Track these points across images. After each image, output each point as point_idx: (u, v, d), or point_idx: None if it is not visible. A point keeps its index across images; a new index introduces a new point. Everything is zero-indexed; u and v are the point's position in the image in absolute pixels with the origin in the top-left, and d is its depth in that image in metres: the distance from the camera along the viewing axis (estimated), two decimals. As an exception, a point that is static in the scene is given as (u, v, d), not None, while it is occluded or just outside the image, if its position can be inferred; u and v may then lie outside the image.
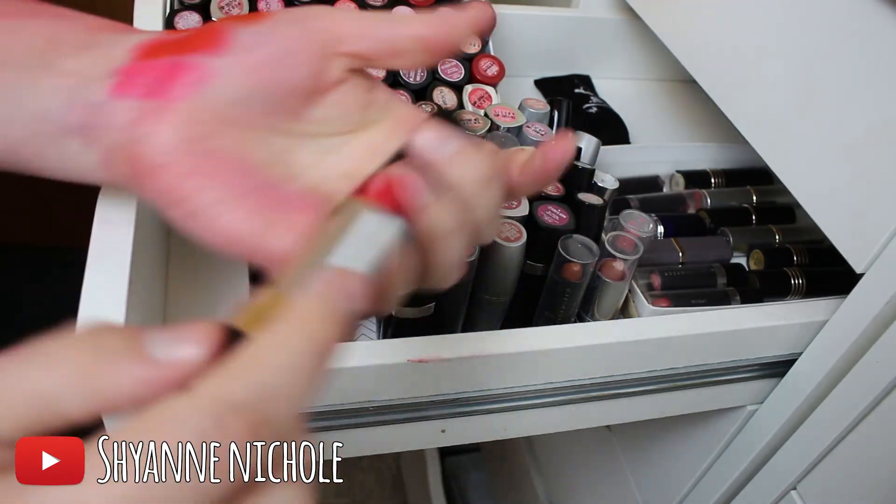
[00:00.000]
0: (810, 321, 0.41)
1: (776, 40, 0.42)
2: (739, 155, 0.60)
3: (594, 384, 0.40)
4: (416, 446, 0.41)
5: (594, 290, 0.43)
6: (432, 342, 0.36)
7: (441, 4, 0.52)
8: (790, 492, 0.46)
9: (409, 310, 0.39)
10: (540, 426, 0.42)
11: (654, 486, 0.61)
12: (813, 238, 0.54)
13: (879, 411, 0.39)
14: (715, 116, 0.58)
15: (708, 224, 0.54)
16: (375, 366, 0.34)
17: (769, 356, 0.43)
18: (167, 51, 0.28)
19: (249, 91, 0.28)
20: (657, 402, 0.43)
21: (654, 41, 0.56)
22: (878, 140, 0.36)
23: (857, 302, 0.38)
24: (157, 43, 0.29)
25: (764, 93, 0.43)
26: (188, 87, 0.27)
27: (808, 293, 0.49)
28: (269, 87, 0.28)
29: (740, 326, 0.41)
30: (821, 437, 0.42)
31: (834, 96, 0.39)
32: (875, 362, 0.38)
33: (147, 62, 0.28)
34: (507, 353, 0.36)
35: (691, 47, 0.50)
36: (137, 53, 0.28)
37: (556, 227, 0.41)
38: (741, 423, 0.48)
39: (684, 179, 0.58)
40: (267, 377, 0.18)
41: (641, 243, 0.42)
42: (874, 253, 0.36)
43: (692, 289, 0.48)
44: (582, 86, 0.68)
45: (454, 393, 0.37)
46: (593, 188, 0.46)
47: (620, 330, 0.39)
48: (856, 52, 0.37)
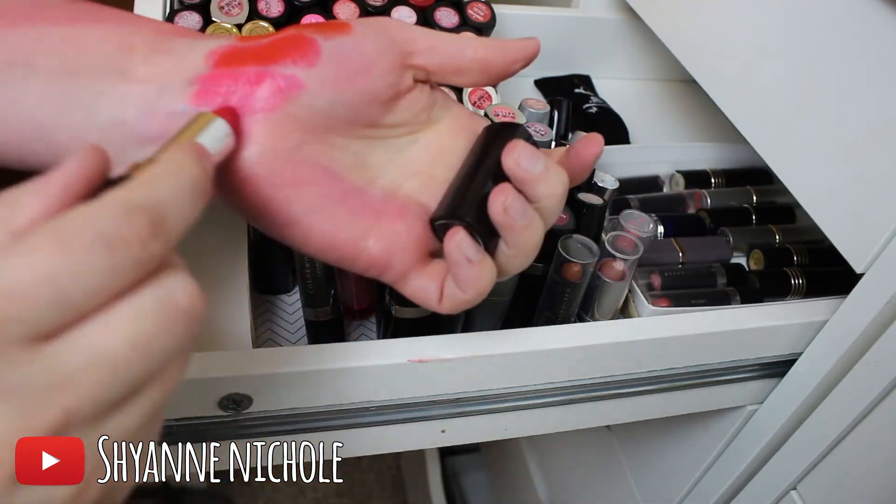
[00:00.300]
0: (810, 321, 0.41)
1: (776, 40, 0.42)
2: (739, 155, 0.60)
3: (594, 384, 0.40)
4: (416, 446, 0.41)
5: (594, 290, 0.43)
6: (432, 342, 0.36)
7: (441, 6, 0.52)
8: (790, 492, 0.46)
9: (409, 310, 0.39)
10: (540, 426, 0.42)
11: (654, 486, 0.61)
12: (813, 238, 0.54)
13: (879, 411, 0.39)
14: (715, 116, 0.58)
15: (708, 224, 0.54)
16: (375, 366, 0.34)
17: (769, 356, 0.43)
18: (249, 59, 0.29)
19: (335, 101, 0.29)
20: (657, 402, 0.43)
21: (654, 41, 0.56)
22: (878, 140, 0.36)
23: (857, 302, 0.38)
24: (234, 50, 0.29)
25: (764, 93, 0.43)
26: (277, 98, 0.28)
27: (808, 293, 0.49)
28: (354, 98, 0.29)
29: (740, 326, 0.41)
30: (821, 437, 0.42)
31: (834, 96, 0.39)
32: (875, 362, 0.38)
33: (228, 70, 0.28)
34: (507, 353, 0.36)
35: (691, 47, 0.50)
36: (215, 60, 0.28)
37: (556, 227, 0.41)
38: (741, 423, 0.48)
39: (684, 179, 0.58)
40: (160, 186, 0.21)
41: (641, 243, 0.42)
42: (874, 253, 0.36)
43: (692, 289, 0.48)
44: (582, 86, 0.68)
45: (454, 393, 0.37)
46: (593, 188, 0.46)
47: (620, 330, 0.39)
48: (856, 52, 0.37)
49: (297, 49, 0.29)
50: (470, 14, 0.53)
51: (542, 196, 0.29)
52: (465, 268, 0.29)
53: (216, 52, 0.29)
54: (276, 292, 0.47)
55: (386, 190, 0.31)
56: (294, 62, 0.28)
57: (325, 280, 0.41)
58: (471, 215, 0.29)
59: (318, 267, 0.40)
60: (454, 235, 0.29)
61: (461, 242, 0.28)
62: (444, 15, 0.53)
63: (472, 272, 0.29)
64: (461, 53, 0.31)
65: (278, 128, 0.28)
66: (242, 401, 0.33)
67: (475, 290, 0.29)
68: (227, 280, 0.42)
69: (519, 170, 0.29)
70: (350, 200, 0.30)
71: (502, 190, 0.29)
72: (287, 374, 0.33)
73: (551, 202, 0.29)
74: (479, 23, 0.53)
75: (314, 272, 0.40)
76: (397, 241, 0.30)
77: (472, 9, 0.53)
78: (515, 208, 0.28)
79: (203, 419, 0.34)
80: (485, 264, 0.29)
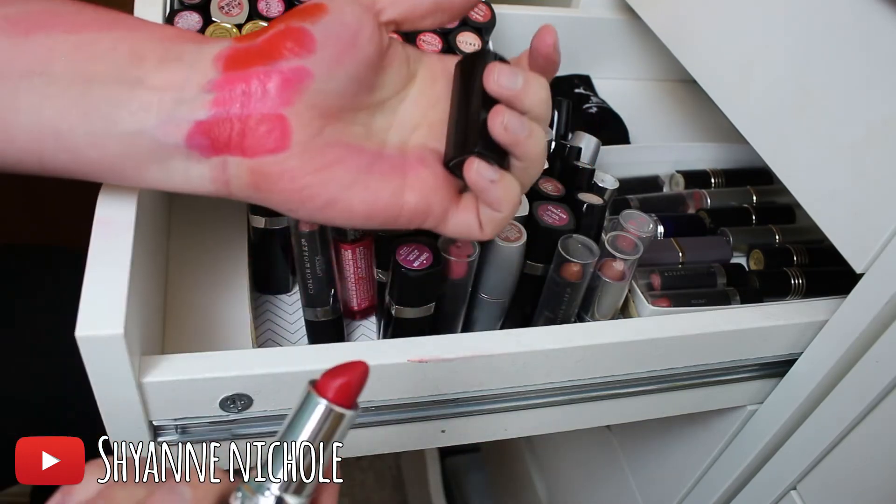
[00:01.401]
0: (810, 321, 0.41)
1: (776, 40, 0.42)
2: (739, 155, 0.60)
3: (594, 384, 0.40)
4: (416, 446, 0.41)
5: (594, 290, 0.43)
6: (432, 342, 0.36)
7: None
8: (790, 492, 0.46)
9: (409, 310, 0.39)
10: (540, 426, 0.42)
11: (654, 486, 0.61)
12: (813, 238, 0.54)
13: (879, 411, 0.39)
14: (715, 116, 0.58)
15: (708, 224, 0.54)
16: (375, 366, 0.34)
17: (769, 356, 0.43)
18: (254, 59, 0.29)
19: (341, 79, 0.30)
20: (657, 402, 0.43)
21: (654, 41, 0.56)
22: (878, 140, 0.36)
23: (857, 302, 0.38)
24: (237, 52, 0.30)
25: (764, 92, 0.43)
26: (291, 92, 0.29)
27: (808, 293, 0.49)
28: (354, 69, 0.31)
29: (740, 326, 0.41)
30: (821, 437, 0.42)
31: (834, 96, 0.39)
32: (875, 362, 0.38)
33: (238, 73, 0.29)
34: (507, 353, 0.36)
35: (691, 47, 0.50)
36: (223, 64, 0.29)
37: (556, 227, 0.41)
38: (741, 423, 0.48)
39: (684, 179, 0.58)
40: None
41: (641, 243, 0.42)
42: (874, 253, 0.36)
43: (692, 289, 0.48)
44: (582, 86, 0.68)
45: (454, 393, 0.37)
46: (593, 188, 0.46)
47: (620, 330, 0.39)
48: (856, 52, 0.37)
49: (293, 40, 0.29)
50: (470, 14, 0.53)
51: (530, 105, 0.31)
52: (491, 189, 0.31)
53: (222, 56, 0.29)
54: (276, 292, 0.47)
55: (398, 147, 0.33)
56: (295, 54, 0.29)
57: (325, 280, 0.41)
58: (478, 145, 0.31)
59: (319, 267, 0.40)
60: (471, 166, 0.31)
61: (479, 169, 0.31)
62: (444, 15, 0.53)
63: (499, 191, 0.31)
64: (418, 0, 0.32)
65: (298, 121, 0.29)
66: (242, 401, 0.33)
67: (509, 206, 0.32)
68: (227, 280, 0.42)
69: (503, 90, 0.31)
70: (377, 165, 0.32)
71: (497, 112, 0.31)
72: (287, 374, 0.33)
73: (540, 107, 0.32)
74: (479, 23, 0.53)
75: (314, 272, 0.40)
76: (429, 186, 0.32)
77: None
78: (513, 124, 0.30)
79: (203, 419, 0.34)
80: (506, 179, 0.31)
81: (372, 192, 0.31)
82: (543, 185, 0.44)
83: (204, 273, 0.42)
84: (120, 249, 0.30)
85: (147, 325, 0.34)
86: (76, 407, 0.54)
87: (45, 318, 0.58)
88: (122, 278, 0.29)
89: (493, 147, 0.31)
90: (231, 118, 0.29)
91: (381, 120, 0.33)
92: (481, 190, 0.31)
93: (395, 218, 0.32)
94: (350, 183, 0.31)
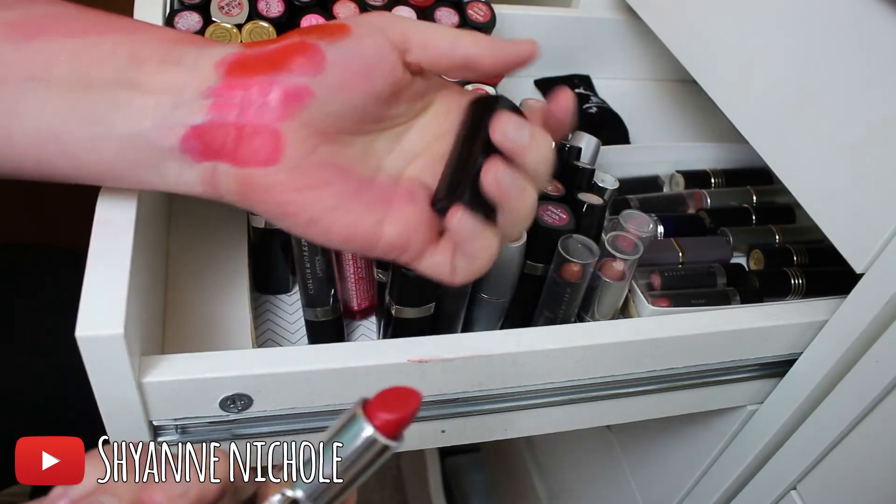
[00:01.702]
0: (810, 321, 0.41)
1: (776, 40, 0.42)
2: (739, 155, 0.60)
3: (594, 384, 0.40)
4: (416, 446, 0.41)
5: (594, 290, 0.43)
6: (432, 342, 0.36)
7: (441, 6, 0.52)
8: (790, 492, 0.46)
9: (409, 310, 0.39)
10: (540, 426, 0.42)
11: (654, 486, 0.61)
12: (813, 238, 0.54)
13: (879, 411, 0.39)
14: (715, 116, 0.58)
15: (708, 224, 0.54)
16: (375, 366, 0.34)
17: (769, 356, 0.43)
18: (258, 68, 0.29)
19: (343, 106, 0.30)
20: (657, 402, 0.43)
21: (654, 41, 0.56)
22: (878, 140, 0.36)
23: (857, 302, 0.38)
24: (242, 58, 0.29)
25: (764, 92, 0.43)
26: (291, 108, 0.29)
27: (808, 293, 0.49)
28: (360, 100, 0.30)
29: (740, 326, 0.41)
30: (821, 437, 0.42)
31: (834, 96, 0.39)
32: (875, 362, 0.38)
33: (239, 81, 0.29)
34: (507, 353, 0.36)
35: (691, 47, 0.50)
36: (225, 70, 0.29)
37: (556, 227, 0.41)
38: (741, 423, 0.48)
39: (684, 179, 0.58)
40: None
41: (641, 243, 0.42)
42: (874, 253, 0.36)
43: (692, 289, 0.48)
44: (582, 86, 0.68)
45: (454, 393, 0.37)
46: (593, 188, 0.46)
47: (620, 330, 0.39)
48: (856, 52, 0.37)
49: (304, 56, 0.29)
50: (470, 14, 0.53)
51: (531, 162, 0.30)
52: (470, 242, 0.31)
53: (225, 62, 0.29)
54: (276, 292, 0.47)
55: (392, 176, 0.32)
56: (302, 70, 0.29)
57: (325, 280, 0.41)
58: (467, 194, 0.30)
59: (319, 267, 0.40)
60: (454, 215, 0.30)
61: (462, 220, 0.30)
62: (444, 15, 0.53)
63: (477, 245, 0.31)
64: (451, 52, 0.31)
65: (294, 136, 0.29)
66: (242, 401, 0.33)
67: (483, 260, 0.31)
68: (227, 280, 0.42)
69: (507, 142, 0.30)
70: (364, 192, 0.31)
71: (492, 165, 0.30)
72: (287, 374, 0.33)
73: (541, 166, 0.31)
74: (479, 23, 0.53)
75: (314, 272, 0.40)
76: (411, 224, 0.32)
77: (472, 9, 0.53)
78: (506, 180, 0.30)
79: (203, 419, 0.34)
80: (487, 235, 0.31)
81: (353, 218, 0.31)
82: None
83: (204, 273, 0.42)
84: (120, 249, 0.30)
85: (147, 325, 0.34)
86: (76, 407, 0.54)
87: (45, 318, 0.58)
88: (122, 278, 0.29)
89: (481, 198, 0.30)
90: (227, 125, 0.29)
91: (382, 144, 0.32)
92: (460, 240, 0.31)
93: (371, 247, 0.32)
94: (333, 206, 0.30)
